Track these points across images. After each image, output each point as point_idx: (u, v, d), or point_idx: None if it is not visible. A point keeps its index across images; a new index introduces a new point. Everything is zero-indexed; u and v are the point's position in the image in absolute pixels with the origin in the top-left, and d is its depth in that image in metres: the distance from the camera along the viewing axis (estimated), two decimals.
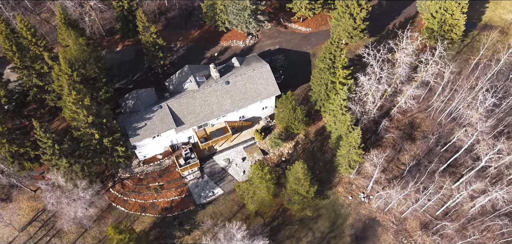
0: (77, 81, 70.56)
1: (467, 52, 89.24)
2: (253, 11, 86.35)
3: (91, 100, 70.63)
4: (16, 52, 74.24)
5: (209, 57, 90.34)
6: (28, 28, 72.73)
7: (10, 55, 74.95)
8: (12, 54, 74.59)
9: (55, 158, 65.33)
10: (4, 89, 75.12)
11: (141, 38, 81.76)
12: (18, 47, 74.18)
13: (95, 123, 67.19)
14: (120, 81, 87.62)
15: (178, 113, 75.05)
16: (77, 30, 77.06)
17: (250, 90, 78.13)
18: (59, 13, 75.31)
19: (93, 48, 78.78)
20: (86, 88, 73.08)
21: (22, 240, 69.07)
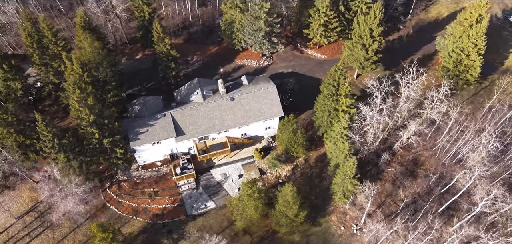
0: (87, 81, 72.00)
1: (484, 95, 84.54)
2: (267, 33, 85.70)
3: (98, 101, 72.05)
4: (36, 49, 77.04)
5: (222, 73, 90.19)
6: (50, 28, 75.53)
7: (31, 51, 77.70)
8: (32, 51, 77.35)
9: (54, 151, 66.35)
10: (21, 83, 77.95)
11: (156, 48, 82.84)
12: (38, 45, 76.97)
13: (97, 123, 67.86)
14: (134, 87, 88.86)
15: (180, 123, 74.84)
16: (94, 34, 78.68)
17: (253, 108, 76.96)
18: (80, 17, 77.52)
19: (108, 52, 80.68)
20: (95, 89, 74.65)
21: (17, 228, 70.09)
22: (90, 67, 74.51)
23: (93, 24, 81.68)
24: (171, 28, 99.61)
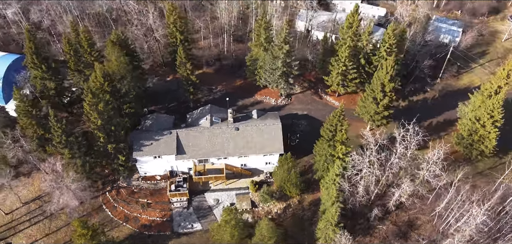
0: (107, 90, 76.60)
1: (501, 170, 77.93)
2: (284, 73, 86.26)
3: (114, 110, 76.35)
4: (73, 56, 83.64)
5: (240, 105, 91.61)
6: (87, 39, 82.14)
7: (68, 58, 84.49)
8: (69, 57, 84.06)
9: (60, 146, 70.71)
10: (56, 84, 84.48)
11: (178, 71, 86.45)
12: (75, 53, 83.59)
13: (104, 128, 71.61)
14: (158, 105, 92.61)
15: (183, 142, 76.66)
16: (124, 50, 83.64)
17: (255, 141, 77.03)
18: (114, 34, 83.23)
19: (135, 68, 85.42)
20: (115, 99, 78.99)
21: (21, 212, 74.84)
22: (113, 78, 79.30)
23: (128, 42, 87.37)
24: (206, 58, 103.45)
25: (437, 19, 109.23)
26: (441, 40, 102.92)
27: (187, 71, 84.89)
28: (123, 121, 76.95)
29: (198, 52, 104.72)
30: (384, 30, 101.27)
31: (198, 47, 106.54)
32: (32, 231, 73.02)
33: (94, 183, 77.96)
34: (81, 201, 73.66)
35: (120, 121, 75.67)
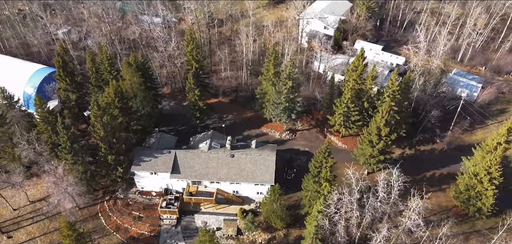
0: (117, 106, 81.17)
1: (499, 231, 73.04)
2: (287, 108, 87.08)
3: (120, 124, 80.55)
4: (94, 73, 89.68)
5: (246, 135, 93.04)
6: (107, 58, 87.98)
7: (90, 74, 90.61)
8: (91, 74, 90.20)
9: (65, 151, 75.18)
10: (77, 96, 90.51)
11: (186, 96, 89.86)
12: (97, 70, 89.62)
13: (107, 139, 75.49)
14: (169, 126, 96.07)
15: (180, 162, 78.93)
16: (140, 72, 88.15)
17: (248, 169, 77.84)
18: (132, 57, 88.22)
19: (147, 88, 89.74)
20: (124, 115, 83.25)
21: (27, 210, 79.68)
22: (125, 96, 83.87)
23: (145, 65, 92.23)
24: (224, 88, 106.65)
25: (457, 72, 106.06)
26: (458, 93, 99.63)
27: (194, 96, 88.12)
28: (127, 136, 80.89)
29: (219, 82, 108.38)
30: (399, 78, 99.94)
31: (219, 78, 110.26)
32: (32, 229, 77.37)
33: (95, 191, 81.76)
34: (78, 206, 77.38)
35: (124, 135, 79.60)
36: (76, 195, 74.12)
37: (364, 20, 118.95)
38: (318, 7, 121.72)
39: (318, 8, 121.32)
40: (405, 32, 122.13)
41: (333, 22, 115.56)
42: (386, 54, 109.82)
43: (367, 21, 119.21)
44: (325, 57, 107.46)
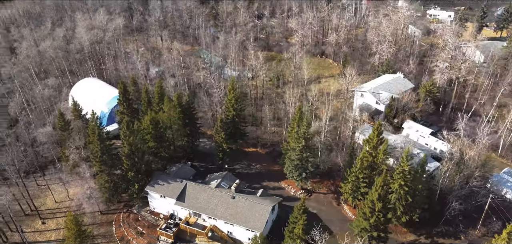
0: (151, 133, 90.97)
1: None
2: (299, 166, 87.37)
3: (149, 148, 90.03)
4: (146, 102, 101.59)
5: (264, 185, 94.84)
6: (158, 92, 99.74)
7: (143, 103, 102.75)
8: (143, 102, 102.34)
9: (96, 159, 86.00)
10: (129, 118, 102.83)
11: (214, 137, 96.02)
12: (149, 101, 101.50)
13: (130, 157, 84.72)
14: (201, 162, 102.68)
15: (187, 192, 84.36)
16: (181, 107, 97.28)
17: (242, 213, 79.71)
18: (176, 94, 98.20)
19: (185, 124, 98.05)
20: (158, 142, 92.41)
21: (65, 204, 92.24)
22: (161, 126, 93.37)
23: (189, 104, 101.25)
24: (264, 140, 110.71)
25: (508, 171, 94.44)
26: (504, 194, 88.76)
27: (220, 138, 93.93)
28: (148, 158, 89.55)
29: (264, 135, 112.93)
30: (437, 164, 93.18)
31: (265, 131, 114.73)
32: (61, 221, 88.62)
33: (118, 202, 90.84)
34: (100, 211, 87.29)
35: (147, 158, 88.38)
36: (98, 200, 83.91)
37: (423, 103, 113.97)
38: (379, 82, 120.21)
39: (378, 83, 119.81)
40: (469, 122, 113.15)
41: (385, 98, 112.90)
42: (432, 138, 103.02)
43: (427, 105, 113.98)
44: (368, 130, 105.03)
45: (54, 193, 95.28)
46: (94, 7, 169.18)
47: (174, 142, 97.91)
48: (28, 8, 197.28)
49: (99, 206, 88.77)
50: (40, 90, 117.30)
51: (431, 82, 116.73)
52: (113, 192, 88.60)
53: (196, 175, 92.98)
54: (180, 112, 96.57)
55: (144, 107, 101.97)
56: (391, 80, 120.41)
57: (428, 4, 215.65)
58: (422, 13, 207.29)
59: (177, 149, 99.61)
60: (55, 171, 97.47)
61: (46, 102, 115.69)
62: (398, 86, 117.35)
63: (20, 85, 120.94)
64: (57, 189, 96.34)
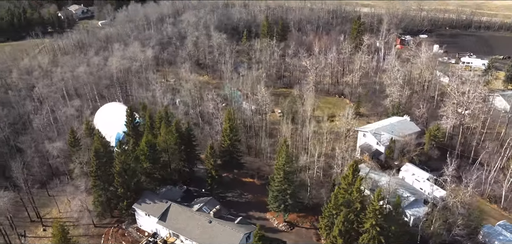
0: (146, 154, 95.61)
1: None
2: (278, 198, 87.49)
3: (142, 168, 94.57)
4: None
5: (250, 214, 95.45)
6: (160, 116, 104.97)
7: (146, 126, 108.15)
8: (146, 125, 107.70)
9: (92, 174, 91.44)
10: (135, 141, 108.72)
11: (205, 162, 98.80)
12: (151, 123, 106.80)
13: (120, 174, 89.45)
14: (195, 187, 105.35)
15: (170, 213, 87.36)
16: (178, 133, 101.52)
17: (215, 238, 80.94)
18: (175, 121, 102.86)
19: (180, 149, 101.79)
20: (152, 163, 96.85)
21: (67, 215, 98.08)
22: (157, 148, 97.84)
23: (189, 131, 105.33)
24: (262, 173, 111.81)
25: (503, 224, 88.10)
26: None
27: (210, 164, 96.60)
28: (140, 178, 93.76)
29: (264, 167, 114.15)
30: (424, 208, 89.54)
31: (267, 164, 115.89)
32: None
33: (111, 216, 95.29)
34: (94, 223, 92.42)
35: (138, 178, 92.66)
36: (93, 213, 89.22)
37: (428, 147, 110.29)
38: (383, 124, 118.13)
39: (383, 124, 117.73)
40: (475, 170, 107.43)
41: (385, 139, 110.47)
42: (427, 183, 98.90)
43: (432, 149, 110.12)
44: (365, 170, 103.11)
45: (59, 203, 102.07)
46: (130, 40, 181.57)
47: (170, 165, 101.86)
48: (81, 38, 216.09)
49: (93, 219, 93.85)
50: (66, 110, 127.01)
51: (437, 127, 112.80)
52: (105, 207, 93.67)
53: (184, 198, 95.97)
54: (177, 137, 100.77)
55: (147, 130, 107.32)
56: (396, 122, 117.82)
57: (463, 53, 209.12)
58: (456, 59, 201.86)
59: (173, 172, 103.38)
60: (63, 184, 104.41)
61: (69, 121, 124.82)
62: (402, 129, 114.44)
63: (52, 104, 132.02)
64: (63, 200, 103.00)
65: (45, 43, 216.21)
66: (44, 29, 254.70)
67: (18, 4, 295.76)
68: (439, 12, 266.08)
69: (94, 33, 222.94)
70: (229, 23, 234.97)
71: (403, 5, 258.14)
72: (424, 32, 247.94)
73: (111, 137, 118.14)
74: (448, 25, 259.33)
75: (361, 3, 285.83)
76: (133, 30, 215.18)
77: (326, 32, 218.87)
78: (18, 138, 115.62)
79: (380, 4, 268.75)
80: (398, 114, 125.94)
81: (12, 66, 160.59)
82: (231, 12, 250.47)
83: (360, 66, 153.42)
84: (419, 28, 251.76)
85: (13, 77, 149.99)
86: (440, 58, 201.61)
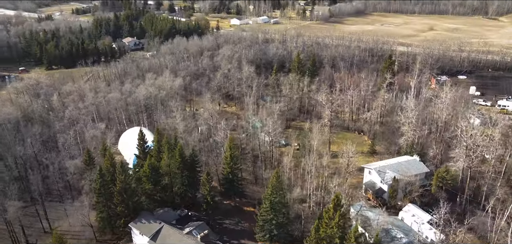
0: (148, 175, 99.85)
1: None
2: (262, 227, 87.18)
3: (143, 190, 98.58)
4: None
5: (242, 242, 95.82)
6: (166, 141, 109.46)
7: (138, 148, 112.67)
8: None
9: (96, 191, 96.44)
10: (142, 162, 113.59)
11: (201, 187, 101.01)
12: (159, 147, 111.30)
13: (120, 192, 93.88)
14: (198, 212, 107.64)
15: (161, 234, 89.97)
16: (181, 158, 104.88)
17: None
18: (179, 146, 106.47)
19: (183, 176, 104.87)
20: (153, 184, 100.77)
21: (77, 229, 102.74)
22: (160, 172, 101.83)
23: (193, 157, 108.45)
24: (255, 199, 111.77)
25: None
26: None
27: (205, 190, 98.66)
28: (139, 199, 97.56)
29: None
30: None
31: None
32: None
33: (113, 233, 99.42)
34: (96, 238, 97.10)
35: (137, 199, 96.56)
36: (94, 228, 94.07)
37: (435, 189, 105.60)
38: (391, 162, 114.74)
39: (390, 163, 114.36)
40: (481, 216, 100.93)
41: (389, 178, 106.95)
42: (426, 226, 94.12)
43: (439, 192, 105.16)
44: (365, 208, 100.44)
45: (70, 218, 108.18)
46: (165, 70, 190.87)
47: (172, 188, 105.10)
48: (125, 67, 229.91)
49: (96, 233, 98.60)
50: (92, 131, 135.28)
51: (445, 169, 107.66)
52: (106, 223, 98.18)
53: (180, 221, 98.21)
54: (180, 162, 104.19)
55: (155, 153, 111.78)
56: (403, 162, 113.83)
57: (502, 96, 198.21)
58: (492, 102, 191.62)
59: (175, 196, 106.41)
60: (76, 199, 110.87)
61: (93, 141, 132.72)
62: (409, 168, 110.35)
63: (82, 125, 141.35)
64: (75, 214, 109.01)
65: (93, 71, 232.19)
66: (98, 58, 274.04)
67: (79, 35, 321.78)
68: (482, 53, 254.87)
69: (137, 63, 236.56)
70: (264, 58, 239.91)
71: (442, 45, 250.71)
72: (464, 73, 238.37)
73: (130, 159, 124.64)
74: (491, 67, 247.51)
75: (399, 42, 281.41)
76: (172, 61, 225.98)
77: (359, 70, 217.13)
78: (45, 154, 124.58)
79: (419, 43, 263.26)
80: (410, 154, 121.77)
81: (55, 90, 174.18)
82: (269, 48, 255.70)
83: (381, 104, 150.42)
84: (458, 68, 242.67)
85: (54, 99, 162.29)
86: (475, 100, 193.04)
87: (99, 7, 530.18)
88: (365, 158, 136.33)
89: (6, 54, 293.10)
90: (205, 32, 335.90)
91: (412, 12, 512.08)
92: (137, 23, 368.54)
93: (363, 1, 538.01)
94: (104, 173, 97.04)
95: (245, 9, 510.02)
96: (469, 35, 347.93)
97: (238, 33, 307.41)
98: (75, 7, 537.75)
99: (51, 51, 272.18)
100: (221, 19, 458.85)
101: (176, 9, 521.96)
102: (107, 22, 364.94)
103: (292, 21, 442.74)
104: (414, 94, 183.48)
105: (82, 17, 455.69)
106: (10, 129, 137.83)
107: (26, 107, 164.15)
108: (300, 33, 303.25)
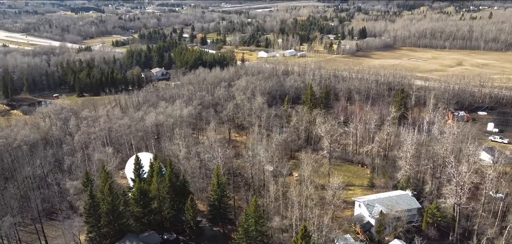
0: (136, 198, 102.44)
1: None
2: None
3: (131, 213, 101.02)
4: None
5: None
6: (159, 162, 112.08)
7: (134, 172, 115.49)
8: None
9: (86, 213, 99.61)
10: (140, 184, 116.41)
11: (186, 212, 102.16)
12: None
13: (107, 214, 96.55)
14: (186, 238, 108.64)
15: None
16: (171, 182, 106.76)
17: None
18: (169, 170, 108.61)
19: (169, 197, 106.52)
20: (142, 207, 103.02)
21: None
22: (149, 196, 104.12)
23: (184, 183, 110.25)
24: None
25: None
26: None
27: (189, 215, 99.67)
28: (125, 221, 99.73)
29: None
30: None
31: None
32: None
33: None
34: None
35: (123, 221, 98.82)
36: None
37: (426, 226, 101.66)
38: (381, 196, 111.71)
39: (380, 197, 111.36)
40: None
41: (376, 212, 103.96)
42: None
43: (430, 229, 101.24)
44: (348, 240, 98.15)
45: (66, 236, 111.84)
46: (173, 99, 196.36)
47: (161, 212, 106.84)
48: (146, 96, 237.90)
49: None
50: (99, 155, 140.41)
51: (435, 205, 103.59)
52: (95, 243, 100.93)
53: None
54: (169, 187, 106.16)
55: (148, 178, 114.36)
56: (394, 196, 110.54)
57: None
58: (510, 139, 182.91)
59: (164, 220, 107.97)
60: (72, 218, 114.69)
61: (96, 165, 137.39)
62: (400, 203, 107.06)
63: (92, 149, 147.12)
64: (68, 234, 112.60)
65: (116, 98, 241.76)
66: (126, 87, 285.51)
67: (111, 65, 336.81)
68: (505, 89, 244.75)
69: (157, 92, 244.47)
70: (280, 89, 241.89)
71: (462, 80, 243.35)
72: (484, 109, 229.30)
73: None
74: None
75: (416, 76, 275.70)
76: (189, 91, 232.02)
77: (373, 103, 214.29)
78: (53, 176, 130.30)
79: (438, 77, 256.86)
80: (405, 188, 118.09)
81: (74, 115, 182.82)
82: (286, 80, 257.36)
83: (384, 138, 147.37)
84: (479, 104, 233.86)
85: (71, 124, 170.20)
86: (491, 137, 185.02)
87: (137, 40, 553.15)
88: (364, 191, 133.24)
89: (45, 82, 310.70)
90: (230, 63, 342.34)
91: (443, 47, 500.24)
92: (167, 55, 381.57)
93: (392, 36, 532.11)
94: (94, 194, 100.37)
95: (273, 42, 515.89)
96: (497, 70, 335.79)
97: (260, 65, 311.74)
98: (115, 40, 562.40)
99: (83, 79, 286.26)
100: (250, 51, 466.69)
101: (208, 42, 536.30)
102: (139, 53, 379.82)
103: (319, 55, 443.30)
104: (427, 129, 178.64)
105: (119, 49, 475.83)
106: (26, 150, 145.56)
107: (47, 130, 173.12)
108: (320, 66, 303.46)
